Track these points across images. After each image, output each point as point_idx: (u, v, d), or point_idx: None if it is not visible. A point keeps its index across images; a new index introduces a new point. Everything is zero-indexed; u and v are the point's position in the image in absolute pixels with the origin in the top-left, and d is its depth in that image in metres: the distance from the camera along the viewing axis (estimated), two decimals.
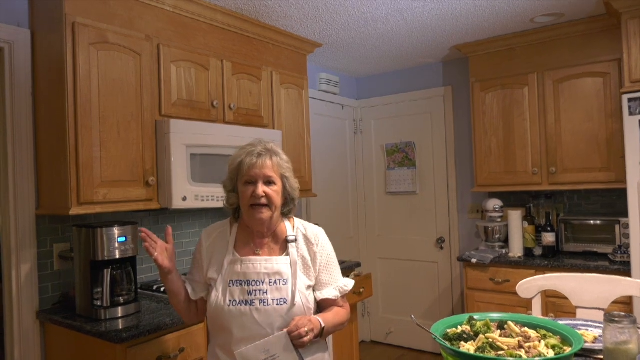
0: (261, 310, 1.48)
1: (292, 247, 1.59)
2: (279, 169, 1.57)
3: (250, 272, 1.53)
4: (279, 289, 1.51)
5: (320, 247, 1.63)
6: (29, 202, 2.20)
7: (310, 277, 1.59)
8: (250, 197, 1.53)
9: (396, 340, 4.34)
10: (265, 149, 1.58)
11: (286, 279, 1.53)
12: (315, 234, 1.65)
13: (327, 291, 1.60)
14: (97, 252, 2.03)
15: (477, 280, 3.29)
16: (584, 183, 3.14)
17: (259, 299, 1.49)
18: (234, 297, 1.51)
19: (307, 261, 1.60)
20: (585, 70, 3.13)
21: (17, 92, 2.18)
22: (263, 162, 1.54)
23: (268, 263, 1.55)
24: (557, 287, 2.02)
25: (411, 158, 4.26)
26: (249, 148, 1.59)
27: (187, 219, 2.91)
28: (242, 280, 1.53)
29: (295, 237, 1.62)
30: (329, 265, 1.63)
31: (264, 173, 1.54)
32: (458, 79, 3.99)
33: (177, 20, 2.50)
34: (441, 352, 1.30)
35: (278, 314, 1.48)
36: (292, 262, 1.57)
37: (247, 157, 1.56)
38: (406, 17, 3.02)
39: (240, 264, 1.55)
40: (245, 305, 1.49)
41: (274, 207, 1.56)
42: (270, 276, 1.53)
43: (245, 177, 1.55)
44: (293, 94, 3.22)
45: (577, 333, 1.31)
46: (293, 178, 1.63)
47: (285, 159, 1.62)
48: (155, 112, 2.35)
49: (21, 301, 2.17)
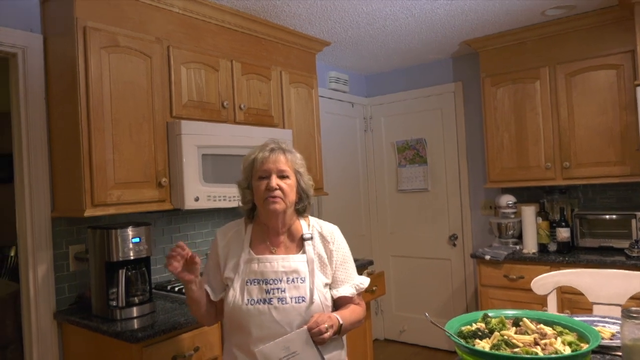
0: (280, 309, 1.48)
1: (308, 245, 1.60)
2: (292, 164, 1.59)
3: (267, 271, 1.53)
4: (297, 287, 1.51)
5: (336, 245, 1.63)
6: (44, 204, 2.23)
7: (327, 274, 1.59)
8: (264, 190, 1.54)
9: (410, 338, 4.33)
10: (279, 145, 1.60)
11: (304, 277, 1.53)
12: (330, 232, 1.66)
13: (344, 289, 1.60)
14: (112, 253, 2.06)
15: (490, 277, 3.27)
16: (599, 177, 3.10)
17: (277, 298, 1.49)
18: (251, 296, 1.51)
19: (324, 259, 1.60)
20: (597, 63, 3.09)
21: (30, 96, 2.21)
22: (276, 157, 1.56)
23: (285, 261, 1.55)
24: (572, 283, 2.00)
25: (422, 155, 4.24)
26: (261, 146, 1.61)
27: (200, 219, 2.93)
28: (259, 279, 1.53)
29: (311, 235, 1.62)
30: (344, 262, 1.64)
31: (277, 167, 1.55)
32: (468, 75, 3.96)
33: (186, 22, 2.51)
34: (455, 349, 1.30)
35: (297, 312, 1.48)
36: (308, 260, 1.57)
37: (260, 152, 1.58)
38: (415, 14, 3.00)
39: (257, 263, 1.55)
40: (264, 304, 1.49)
41: (288, 201, 1.56)
42: (288, 274, 1.53)
43: (258, 172, 1.56)
44: (303, 93, 3.22)
45: (594, 329, 1.29)
46: (307, 175, 1.64)
47: (299, 156, 1.64)
48: (166, 114, 2.37)
49: (38, 302, 2.20)
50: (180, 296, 2.40)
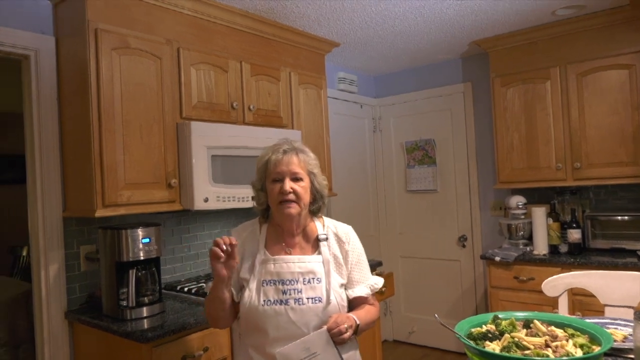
0: (296, 310, 1.48)
1: (323, 246, 1.60)
2: (305, 166, 1.58)
3: (284, 272, 1.53)
4: (313, 287, 1.51)
5: (351, 246, 1.64)
6: (56, 205, 2.25)
7: (342, 275, 1.59)
8: (278, 193, 1.54)
9: (419, 340, 4.31)
10: (292, 146, 1.59)
11: (320, 277, 1.53)
12: (346, 233, 1.66)
13: (359, 289, 1.60)
14: (122, 254, 2.07)
15: (500, 279, 3.25)
16: (610, 178, 3.07)
17: (293, 298, 1.49)
18: (268, 297, 1.50)
19: (339, 259, 1.60)
20: (609, 63, 3.06)
21: (42, 97, 2.23)
22: (289, 159, 1.55)
23: (301, 262, 1.55)
24: (584, 284, 1.98)
25: (431, 155, 4.22)
26: (275, 146, 1.60)
27: (209, 219, 2.94)
28: (276, 279, 1.52)
29: (327, 236, 1.62)
30: (359, 263, 1.64)
31: (291, 169, 1.54)
32: (478, 75, 3.94)
33: (196, 23, 2.53)
34: (465, 351, 1.29)
35: (313, 312, 1.48)
36: (324, 260, 1.57)
37: (274, 154, 1.57)
38: (424, 14, 2.99)
39: (273, 264, 1.55)
40: (280, 305, 1.49)
41: (302, 203, 1.56)
42: (304, 275, 1.53)
43: (272, 175, 1.56)
44: (312, 93, 3.22)
45: (606, 332, 1.28)
46: (321, 175, 1.63)
47: (312, 157, 1.63)
48: (176, 115, 2.39)
49: (50, 302, 2.22)
50: (190, 296, 2.41)
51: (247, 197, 2.53)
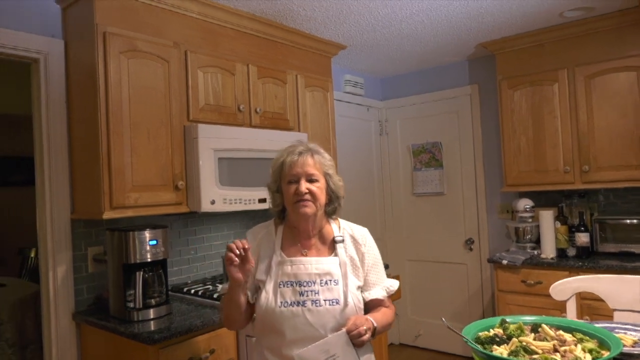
0: (313, 311, 1.47)
1: (340, 248, 1.59)
2: (321, 167, 1.58)
3: (301, 273, 1.53)
4: (331, 289, 1.51)
5: (367, 247, 1.64)
6: (64, 207, 2.27)
7: (359, 277, 1.59)
8: (294, 194, 1.54)
9: (425, 343, 4.29)
10: (307, 148, 1.59)
11: (337, 279, 1.53)
12: (362, 235, 1.66)
13: (375, 291, 1.60)
14: (130, 255, 2.08)
15: (508, 282, 3.23)
16: (619, 181, 3.04)
17: (310, 300, 1.48)
18: (285, 299, 1.50)
19: (356, 261, 1.60)
20: (617, 65, 3.04)
21: (51, 100, 2.25)
22: (304, 160, 1.55)
23: (318, 264, 1.54)
24: (592, 288, 1.96)
25: (438, 158, 4.21)
26: (290, 148, 1.60)
27: (216, 222, 2.95)
28: (293, 281, 1.52)
29: (343, 238, 1.62)
30: (375, 265, 1.64)
31: (306, 171, 1.54)
32: (485, 77, 3.93)
33: (203, 26, 2.54)
34: (473, 355, 1.28)
35: (331, 314, 1.48)
36: (341, 262, 1.56)
37: (289, 156, 1.57)
38: (431, 17, 2.99)
39: (290, 265, 1.54)
40: (297, 306, 1.48)
41: (318, 203, 1.56)
42: (322, 277, 1.52)
43: (288, 177, 1.56)
44: (318, 96, 3.22)
45: (615, 336, 1.27)
46: (336, 176, 1.63)
47: (328, 158, 1.62)
48: (183, 118, 2.40)
49: (58, 303, 2.23)
50: (196, 299, 2.41)
51: (253, 199, 2.53)
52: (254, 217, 3.17)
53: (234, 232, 3.05)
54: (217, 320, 2.11)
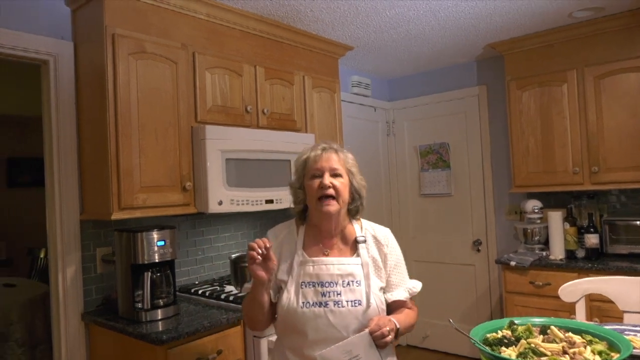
0: (336, 312, 1.46)
1: (362, 248, 1.58)
2: (344, 163, 1.58)
3: (323, 274, 1.51)
4: (353, 290, 1.49)
5: (390, 248, 1.62)
6: (73, 207, 2.29)
7: (381, 278, 1.57)
8: (318, 188, 1.52)
9: (433, 345, 4.27)
10: (330, 145, 1.60)
11: (359, 280, 1.51)
12: (384, 235, 1.64)
13: (398, 292, 1.59)
14: (138, 256, 2.09)
15: (516, 284, 3.21)
16: (629, 182, 3.01)
17: (333, 301, 1.47)
18: (307, 299, 1.49)
19: (378, 262, 1.58)
20: (627, 65, 3.01)
21: (61, 102, 2.27)
22: (328, 155, 1.56)
23: (341, 264, 1.53)
24: (602, 290, 1.95)
25: (445, 159, 4.19)
26: (313, 146, 1.61)
27: (223, 222, 2.96)
28: (315, 281, 1.51)
29: (365, 238, 1.61)
30: (398, 266, 1.62)
31: (330, 165, 1.54)
32: (493, 78, 3.91)
33: (211, 28, 2.55)
34: (481, 357, 1.28)
35: (353, 315, 1.46)
36: (363, 263, 1.55)
37: (312, 152, 1.58)
38: (439, 17, 2.98)
39: (312, 265, 1.53)
40: (319, 307, 1.47)
41: (341, 200, 1.54)
42: (344, 277, 1.51)
43: (311, 171, 1.55)
44: (325, 97, 3.22)
45: (625, 338, 1.26)
46: (359, 175, 1.62)
47: (351, 157, 1.62)
48: (191, 119, 2.41)
49: (67, 303, 2.25)
50: (204, 299, 2.42)
51: (260, 200, 2.54)
52: (261, 218, 3.18)
53: (241, 233, 3.06)
54: (224, 321, 2.11)
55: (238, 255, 2.62)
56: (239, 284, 2.50)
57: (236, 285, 2.52)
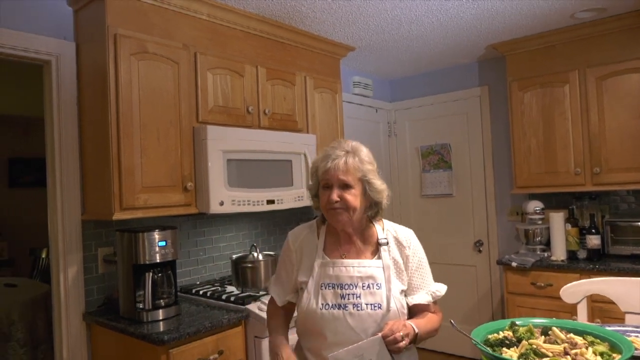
0: (355, 315, 1.44)
1: (383, 251, 1.55)
2: (356, 172, 1.51)
3: (343, 275, 1.50)
4: (373, 293, 1.47)
5: (412, 250, 1.59)
6: (75, 208, 2.29)
7: (403, 281, 1.54)
8: (327, 202, 1.51)
9: (434, 345, 4.26)
10: (344, 151, 1.53)
11: (380, 283, 1.49)
12: (407, 237, 1.61)
13: (419, 296, 1.54)
14: (139, 256, 2.09)
15: (517, 285, 3.20)
16: (631, 183, 3.01)
17: (352, 303, 1.45)
18: (326, 301, 1.47)
19: (400, 264, 1.55)
20: (630, 66, 3.01)
21: (63, 102, 2.27)
22: (336, 166, 1.50)
23: (361, 266, 1.51)
24: (604, 291, 1.94)
25: (447, 160, 4.19)
26: (328, 151, 1.55)
27: (224, 223, 2.96)
28: (334, 283, 1.49)
29: (387, 240, 1.58)
30: (420, 268, 1.59)
31: (338, 177, 1.49)
32: (495, 79, 3.91)
33: (213, 28, 2.55)
34: (482, 358, 1.27)
35: (372, 319, 1.44)
36: (384, 265, 1.52)
37: (322, 162, 1.54)
38: (440, 18, 2.98)
39: (332, 267, 1.52)
40: (339, 310, 1.45)
41: (352, 211, 1.50)
42: (364, 280, 1.49)
43: (322, 181, 1.54)
44: (327, 98, 3.23)
45: (627, 339, 1.26)
46: (377, 180, 1.56)
47: (367, 160, 1.55)
48: (192, 119, 2.41)
49: (69, 303, 2.25)
50: (205, 299, 2.43)
51: (262, 201, 2.54)
52: (263, 218, 3.18)
53: (243, 234, 3.06)
54: (225, 322, 2.11)
55: (239, 255, 2.63)
56: (240, 285, 2.51)
57: (237, 285, 2.52)
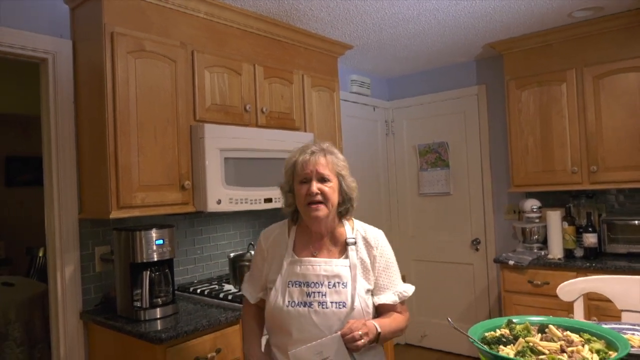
0: (320, 313, 1.47)
1: (351, 250, 1.57)
2: (333, 167, 1.56)
3: (309, 274, 1.52)
4: (338, 292, 1.50)
5: (380, 250, 1.61)
6: (72, 206, 2.28)
7: (369, 280, 1.56)
8: (306, 195, 1.52)
9: (431, 343, 4.28)
10: (320, 148, 1.58)
11: (345, 282, 1.51)
12: (375, 237, 1.63)
13: (385, 296, 1.57)
14: (136, 255, 2.09)
15: (514, 283, 3.21)
16: (628, 182, 3.02)
17: (317, 301, 1.48)
18: (292, 298, 1.50)
19: (367, 264, 1.57)
20: (627, 65, 3.01)
21: (60, 100, 2.27)
22: (317, 160, 1.54)
23: (327, 265, 1.54)
24: (600, 289, 1.95)
25: (444, 158, 4.20)
26: (303, 148, 1.60)
27: (222, 221, 2.96)
28: (301, 281, 1.52)
29: (355, 240, 1.60)
30: (388, 269, 1.60)
31: (317, 170, 1.53)
32: (492, 77, 3.91)
33: (210, 26, 2.55)
34: (479, 356, 1.28)
35: (337, 317, 1.46)
36: (351, 265, 1.54)
37: (301, 155, 1.57)
38: (438, 17, 2.98)
39: (300, 265, 1.54)
40: (304, 307, 1.48)
41: (330, 205, 1.54)
42: (330, 279, 1.51)
43: (300, 176, 1.55)
44: (324, 96, 3.22)
45: (623, 337, 1.26)
46: (350, 177, 1.61)
47: (341, 158, 1.61)
48: (190, 117, 2.40)
49: (66, 302, 2.25)
50: (203, 298, 2.42)
51: (259, 199, 2.54)
52: (260, 216, 3.18)
53: (240, 232, 3.06)
54: (223, 320, 2.11)
55: (237, 254, 2.63)
56: (237, 283, 2.50)
57: (235, 284, 2.52)
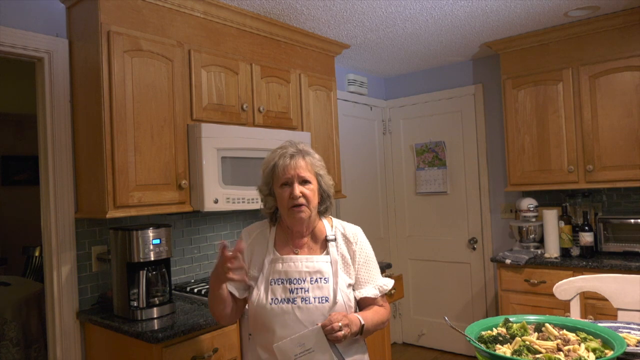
0: (303, 309, 1.50)
1: (331, 246, 1.61)
2: (312, 168, 1.60)
3: (291, 271, 1.55)
4: (320, 287, 1.53)
5: (359, 246, 1.64)
6: (68, 206, 2.28)
7: (350, 275, 1.60)
8: (288, 198, 1.55)
9: (428, 342, 4.29)
10: (297, 149, 1.60)
11: (327, 277, 1.55)
12: (354, 233, 1.67)
13: (366, 290, 1.61)
14: (133, 254, 2.09)
15: (511, 282, 3.22)
16: (623, 181, 3.03)
17: (300, 297, 1.51)
18: (275, 296, 1.52)
19: (347, 259, 1.61)
20: (623, 64, 3.02)
21: (56, 99, 2.26)
22: (297, 163, 1.56)
23: (309, 261, 1.57)
24: (596, 288, 1.96)
25: (441, 158, 4.20)
26: (280, 150, 1.61)
27: (219, 221, 2.95)
28: (283, 278, 1.55)
29: (335, 236, 1.64)
30: (367, 263, 1.64)
31: (299, 173, 1.56)
32: (489, 77, 3.92)
33: (207, 25, 2.54)
34: (476, 354, 1.28)
35: (320, 312, 1.49)
36: (332, 260, 1.58)
37: (280, 159, 1.58)
38: (435, 16, 2.98)
39: (281, 263, 1.57)
40: (287, 304, 1.51)
41: (312, 206, 1.58)
42: (312, 274, 1.54)
43: (281, 180, 1.57)
44: (321, 95, 3.22)
45: (619, 336, 1.27)
46: (327, 175, 1.65)
47: (318, 158, 1.64)
48: (186, 117, 2.40)
49: (62, 302, 2.24)
50: (200, 297, 2.42)
51: (256, 198, 2.53)
52: (256, 216, 3.16)
53: (237, 232, 3.06)
54: None
55: None
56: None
57: None
